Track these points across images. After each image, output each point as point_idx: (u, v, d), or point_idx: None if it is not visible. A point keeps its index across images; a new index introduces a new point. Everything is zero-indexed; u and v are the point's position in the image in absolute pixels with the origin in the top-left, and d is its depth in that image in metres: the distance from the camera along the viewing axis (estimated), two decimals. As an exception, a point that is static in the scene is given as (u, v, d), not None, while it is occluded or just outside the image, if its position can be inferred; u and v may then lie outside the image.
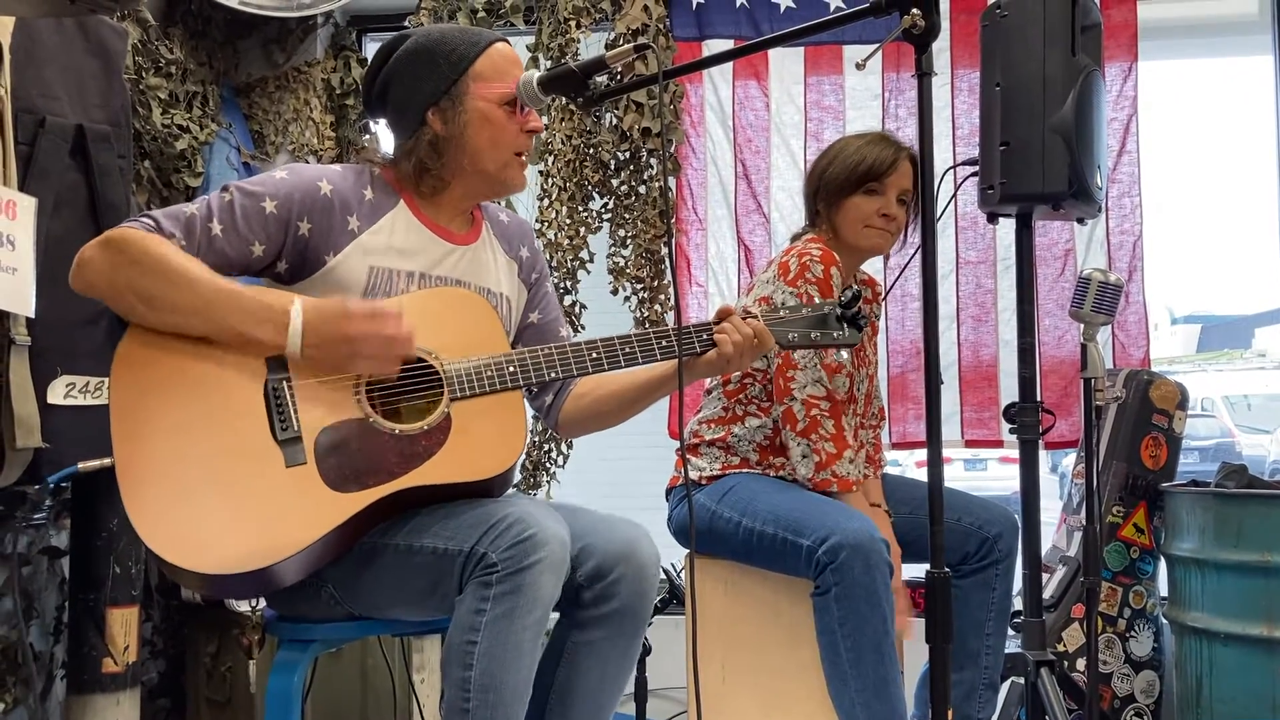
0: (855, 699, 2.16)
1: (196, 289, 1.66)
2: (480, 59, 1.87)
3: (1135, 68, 3.42)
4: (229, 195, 1.76)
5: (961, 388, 3.47)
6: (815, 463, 2.27)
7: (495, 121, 1.87)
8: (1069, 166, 2.32)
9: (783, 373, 2.31)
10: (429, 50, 1.87)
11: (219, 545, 1.60)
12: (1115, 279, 2.40)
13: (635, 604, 1.76)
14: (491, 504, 1.70)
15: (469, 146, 1.87)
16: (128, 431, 1.64)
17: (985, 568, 2.42)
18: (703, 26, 3.57)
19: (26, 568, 2.65)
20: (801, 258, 2.33)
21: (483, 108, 1.86)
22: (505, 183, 1.94)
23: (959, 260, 3.49)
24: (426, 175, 1.89)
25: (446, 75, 1.86)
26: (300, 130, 3.55)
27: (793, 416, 2.29)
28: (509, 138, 1.88)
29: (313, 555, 1.65)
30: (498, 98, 1.86)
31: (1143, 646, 3.10)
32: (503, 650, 1.58)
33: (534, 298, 2.10)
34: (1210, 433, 12.70)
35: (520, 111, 1.88)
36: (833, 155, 2.49)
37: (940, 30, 1.49)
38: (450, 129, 1.86)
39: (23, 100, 2.18)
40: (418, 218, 1.91)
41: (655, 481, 2.72)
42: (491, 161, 1.89)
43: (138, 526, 1.59)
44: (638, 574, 1.75)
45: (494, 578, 1.59)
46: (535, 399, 2.10)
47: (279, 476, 1.66)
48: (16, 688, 2.56)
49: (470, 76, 1.86)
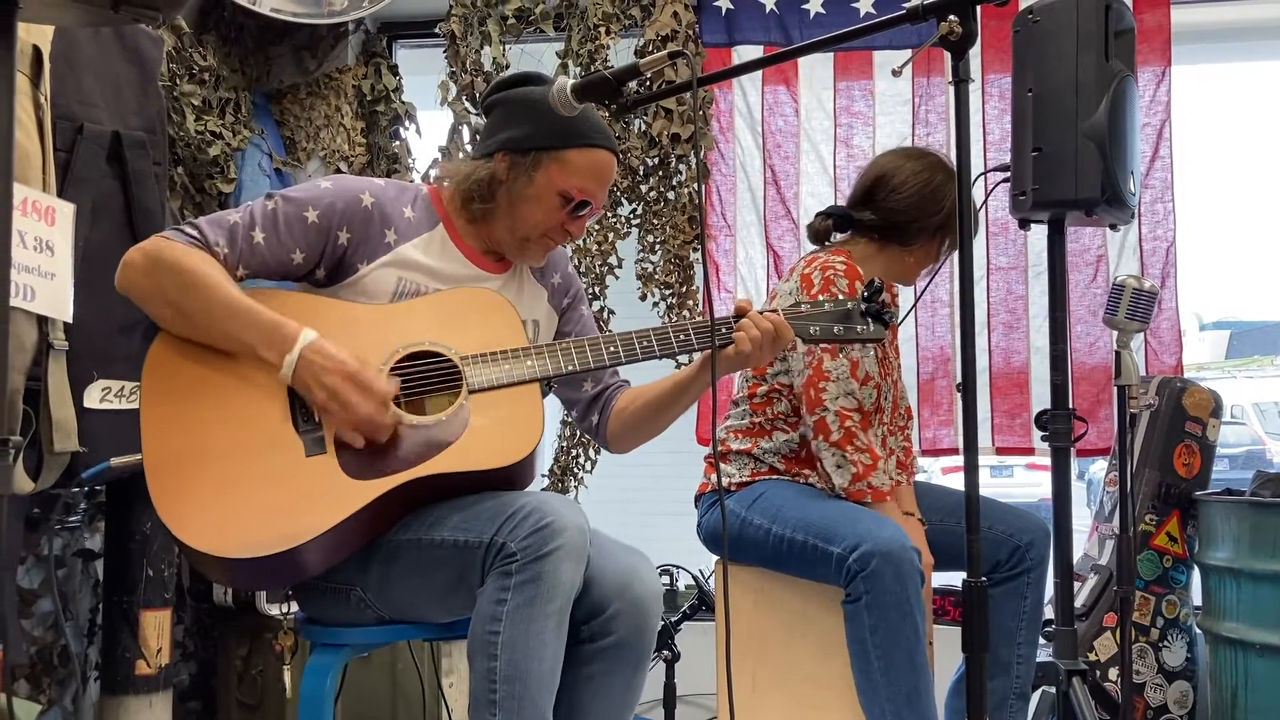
0: (886, 708, 2.15)
1: (221, 303, 1.71)
2: (575, 150, 1.91)
3: (1169, 72, 3.40)
4: (273, 204, 1.81)
5: (992, 394, 3.45)
6: (851, 474, 2.26)
7: (547, 206, 1.91)
8: (1102, 172, 2.29)
9: (814, 384, 2.29)
10: (542, 109, 1.84)
11: (242, 531, 1.63)
12: (1150, 285, 2.38)
13: (634, 639, 1.75)
14: (508, 495, 1.71)
15: (516, 208, 1.92)
16: (155, 427, 1.70)
17: (1017, 576, 2.40)
18: (732, 32, 3.57)
19: (61, 570, 2.68)
20: (825, 271, 2.31)
21: (544, 187, 1.90)
22: (523, 252, 1.98)
23: (990, 266, 3.47)
24: (470, 203, 1.94)
25: (541, 138, 1.90)
26: (331, 136, 3.57)
27: (826, 427, 2.28)
28: (551, 224, 1.93)
29: (334, 541, 1.67)
30: (562, 190, 1.90)
31: (1176, 656, 3.07)
32: (525, 639, 1.59)
33: (567, 321, 2.12)
34: (1240, 440, 12.55)
35: (573, 211, 1.93)
36: (937, 191, 2.42)
37: (976, 37, 1.48)
38: (510, 182, 1.91)
39: (61, 107, 2.21)
40: (454, 242, 1.95)
41: (678, 488, 2.73)
42: (522, 228, 1.94)
43: (162, 515, 1.63)
44: (635, 608, 1.74)
45: (513, 567, 1.60)
46: (583, 420, 2.13)
47: (300, 465, 1.69)
48: (52, 688, 2.59)
49: (557, 156, 1.90)
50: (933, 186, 2.41)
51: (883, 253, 2.46)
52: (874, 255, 2.46)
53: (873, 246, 2.46)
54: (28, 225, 2.03)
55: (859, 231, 2.48)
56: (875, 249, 2.46)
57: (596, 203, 1.95)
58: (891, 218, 2.43)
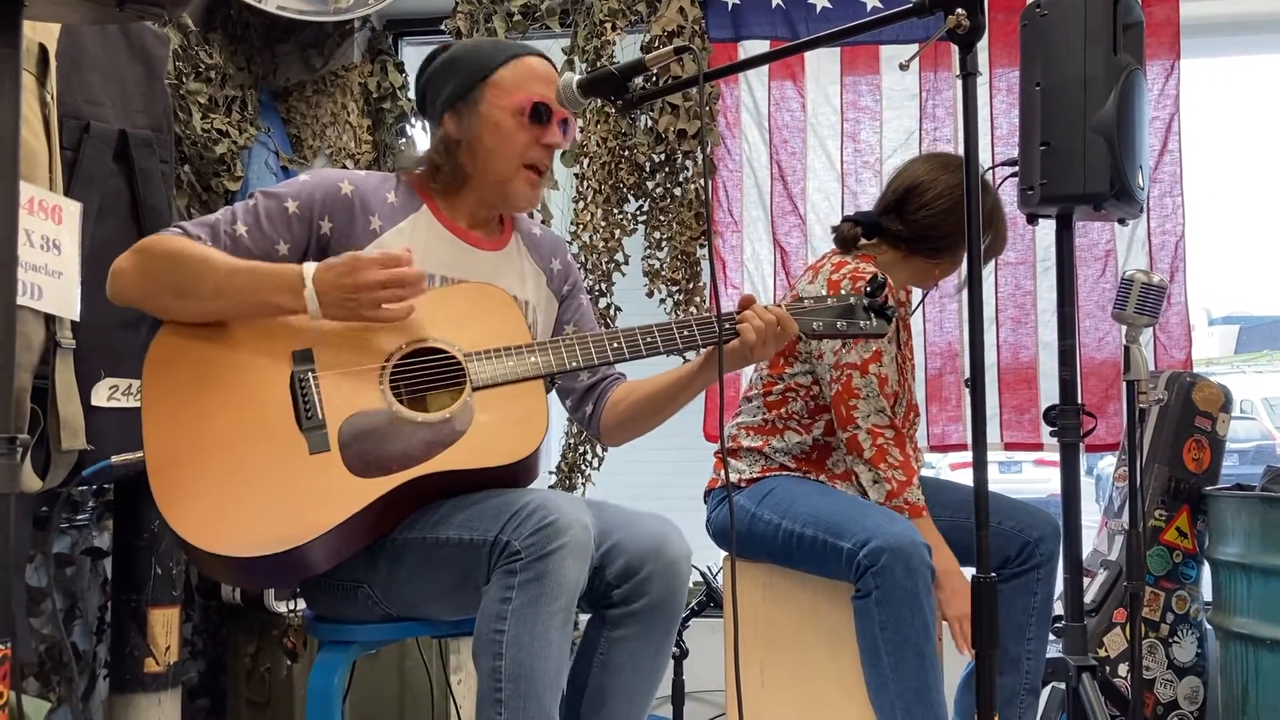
0: (896, 703, 2.14)
1: (216, 271, 1.71)
2: (502, 69, 1.91)
3: (1177, 66, 3.38)
4: (254, 200, 1.83)
5: (1001, 390, 3.44)
6: (887, 491, 2.25)
7: (504, 130, 1.89)
8: (1110, 167, 2.28)
9: (844, 401, 2.28)
10: (457, 58, 1.93)
11: (245, 530, 1.63)
12: (1159, 280, 2.37)
13: (666, 600, 1.75)
14: (513, 493, 1.71)
15: (478, 151, 1.90)
16: (156, 423, 1.70)
17: (1026, 572, 2.39)
18: (738, 27, 3.56)
19: (70, 568, 2.68)
20: (855, 280, 2.28)
21: (494, 115, 1.89)
22: (510, 195, 1.94)
23: (998, 261, 3.46)
24: (437, 174, 1.94)
25: (465, 82, 1.91)
26: (338, 134, 3.57)
27: (858, 445, 2.27)
28: (517, 148, 1.90)
29: (338, 539, 1.67)
30: (510, 107, 1.89)
31: (1186, 652, 3.06)
32: (530, 638, 1.59)
33: (566, 310, 2.11)
34: (1250, 435, 12.53)
35: (535, 120, 1.89)
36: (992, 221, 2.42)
37: (984, 30, 1.47)
38: (463, 134, 1.90)
39: (68, 106, 2.21)
40: (440, 221, 1.94)
41: (686, 484, 2.72)
42: (497, 171, 1.91)
43: (165, 514, 1.63)
44: (668, 570, 1.75)
45: (518, 565, 1.60)
46: (576, 410, 2.11)
47: (303, 463, 1.69)
48: (61, 686, 2.59)
49: (488, 84, 1.90)
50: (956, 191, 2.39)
51: (908, 262, 2.45)
52: (899, 263, 2.44)
53: (899, 255, 2.45)
54: (35, 224, 2.03)
55: (885, 239, 2.46)
56: (901, 257, 2.44)
57: (554, 103, 1.88)
58: (921, 230, 2.41)
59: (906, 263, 2.45)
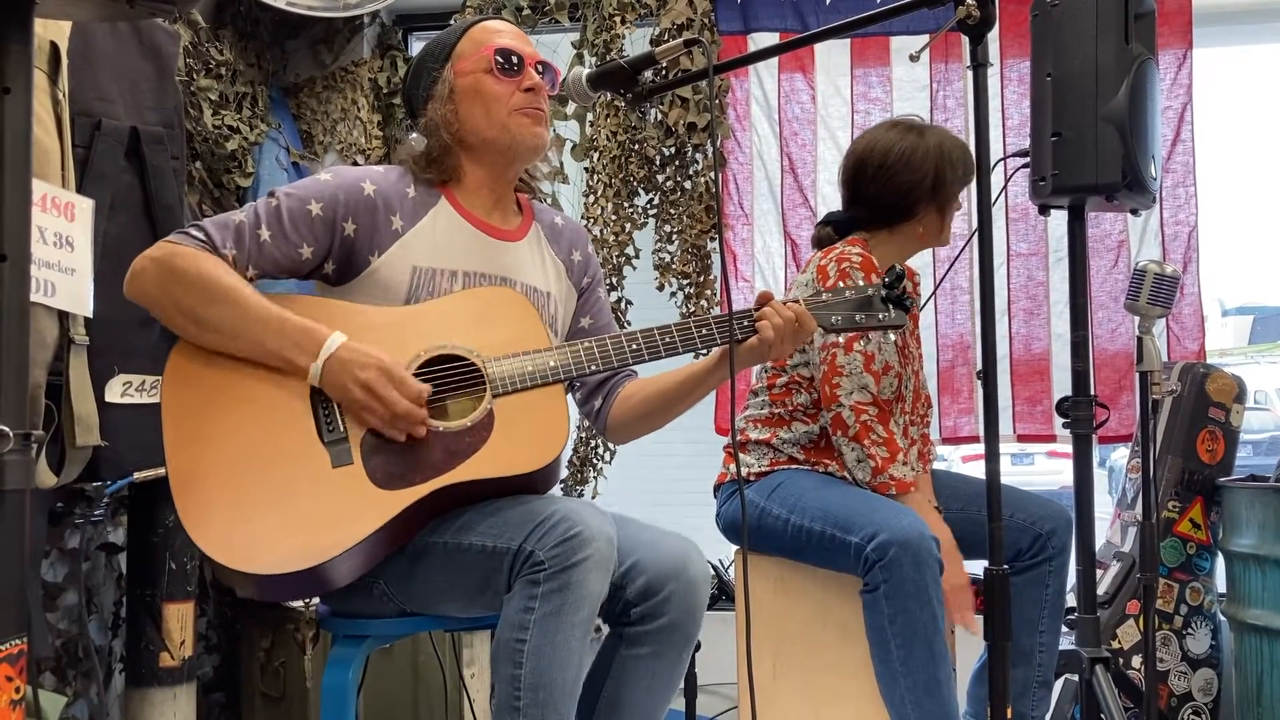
0: (906, 696, 2.15)
1: (242, 311, 1.70)
2: (460, 43, 1.93)
3: (1190, 55, 3.36)
4: (275, 200, 1.80)
5: (1013, 381, 3.43)
6: (871, 468, 2.25)
7: (482, 90, 1.89)
8: (1123, 157, 2.28)
9: (828, 380, 2.29)
10: (423, 54, 1.96)
11: (269, 547, 1.62)
12: (1171, 270, 2.36)
13: (685, 621, 1.75)
14: (538, 501, 1.70)
15: (465, 123, 1.90)
16: (179, 439, 1.68)
17: (1039, 564, 2.39)
18: (748, 20, 3.55)
19: (85, 563, 2.70)
20: (841, 263, 2.30)
21: (466, 82, 1.89)
22: (514, 142, 1.91)
23: (1010, 252, 3.45)
24: (432, 164, 1.92)
25: (432, 67, 1.92)
26: (348, 130, 3.58)
27: (842, 422, 2.27)
28: (501, 100, 1.89)
29: (362, 553, 1.66)
30: (477, 68, 1.89)
31: (1200, 644, 3.05)
32: (551, 648, 1.58)
33: (585, 302, 2.10)
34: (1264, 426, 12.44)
35: (507, 71, 1.89)
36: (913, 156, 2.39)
37: (995, 21, 1.47)
38: (444, 111, 1.90)
39: (79, 103, 2.21)
40: (459, 212, 1.92)
41: (697, 479, 2.71)
42: (489, 127, 1.89)
43: (190, 531, 1.62)
44: (688, 590, 1.74)
45: (541, 576, 1.60)
46: (584, 404, 2.10)
47: (326, 477, 1.68)
48: (78, 681, 2.61)
49: (452, 60, 1.91)
50: (907, 153, 2.39)
51: (894, 234, 2.45)
52: (887, 239, 2.45)
53: (882, 232, 2.45)
54: (47, 221, 2.04)
55: (863, 227, 2.47)
56: (885, 233, 2.45)
57: (521, 50, 1.90)
58: (885, 200, 2.42)
59: (894, 235, 2.45)
